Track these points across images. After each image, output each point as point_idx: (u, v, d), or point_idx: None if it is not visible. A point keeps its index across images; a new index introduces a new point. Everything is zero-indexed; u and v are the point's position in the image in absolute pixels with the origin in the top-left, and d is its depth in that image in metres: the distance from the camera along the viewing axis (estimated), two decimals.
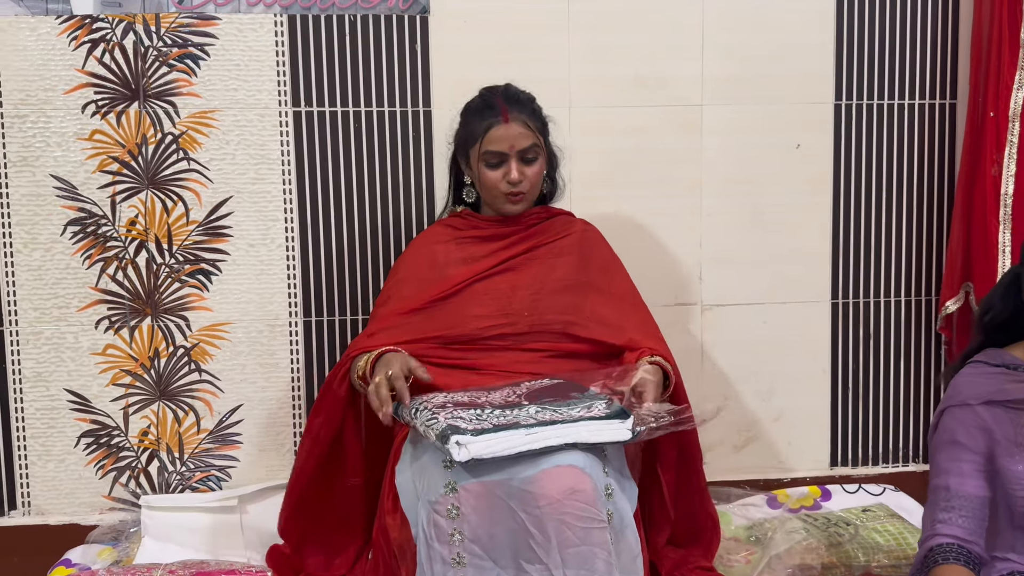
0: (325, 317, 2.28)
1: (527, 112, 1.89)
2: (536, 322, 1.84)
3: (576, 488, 1.46)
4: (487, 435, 1.47)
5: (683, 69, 2.31)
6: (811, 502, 2.40)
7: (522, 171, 1.85)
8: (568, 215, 2.06)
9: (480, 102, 1.93)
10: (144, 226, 2.22)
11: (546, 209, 2.02)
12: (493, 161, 1.87)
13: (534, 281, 1.90)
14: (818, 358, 2.44)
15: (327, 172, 2.25)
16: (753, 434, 2.45)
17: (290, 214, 2.25)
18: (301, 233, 2.26)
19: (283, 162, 2.23)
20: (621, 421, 1.56)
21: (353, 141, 2.25)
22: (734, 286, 2.39)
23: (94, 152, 2.19)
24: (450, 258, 1.94)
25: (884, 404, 2.47)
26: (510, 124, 1.85)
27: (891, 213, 2.42)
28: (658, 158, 2.33)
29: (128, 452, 2.27)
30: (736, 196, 2.36)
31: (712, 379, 2.40)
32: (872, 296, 2.44)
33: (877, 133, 2.39)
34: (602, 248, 2.01)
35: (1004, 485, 1.45)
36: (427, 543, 1.48)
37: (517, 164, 1.85)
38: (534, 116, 1.91)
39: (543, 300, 1.87)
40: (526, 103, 1.91)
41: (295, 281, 2.26)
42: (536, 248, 1.94)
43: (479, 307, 1.86)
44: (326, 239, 2.26)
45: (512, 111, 1.86)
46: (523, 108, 1.89)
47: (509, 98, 1.90)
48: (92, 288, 2.22)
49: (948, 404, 1.52)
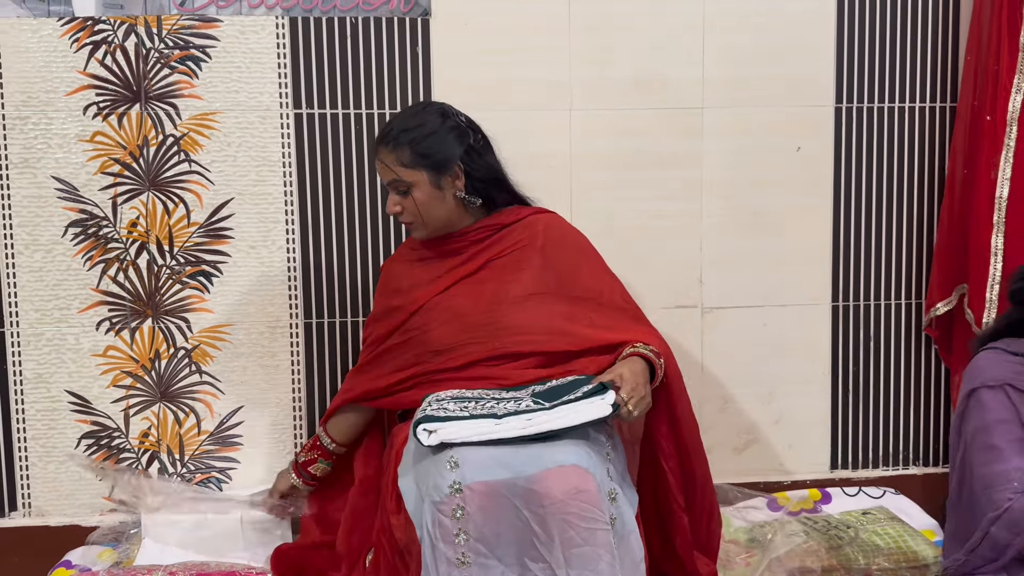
0: (326, 319, 2.29)
1: (390, 147, 1.83)
2: (496, 345, 1.81)
3: (580, 488, 1.46)
4: (456, 422, 1.54)
5: (684, 72, 2.32)
6: (811, 505, 2.41)
7: (396, 201, 1.85)
8: (529, 216, 1.94)
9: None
10: (145, 228, 2.22)
11: (496, 217, 1.92)
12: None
13: (492, 299, 1.85)
14: (818, 361, 2.44)
15: (328, 174, 2.25)
16: (753, 437, 2.45)
17: (291, 216, 2.25)
18: (302, 235, 2.26)
19: (284, 164, 2.24)
20: (601, 397, 1.56)
21: (354, 143, 2.25)
22: (734, 289, 2.39)
23: (95, 154, 2.19)
24: (413, 278, 1.93)
25: (884, 407, 2.48)
26: (378, 159, 1.86)
27: (891, 216, 2.42)
28: (658, 160, 2.34)
29: (129, 453, 2.27)
30: (736, 199, 2.37)
31: (712, 382, 2.40)
32: (872, 299, 2.44)
33: (878, 136, 2.39)
34: (564, 246, 1.91)
35: None
36: (432, 544, 1.48)
37: (392, 196, 1.86)
38: (399, 150, 1.82)
39: (500, 319, 1.83)
40: (392, 139, 1.83)
41: (296, 283, 2.27)
42: (492, 260, 1.89)
43: (442, 326, 1.85)
44: (327, 241, 2.27)
45: (381, 149, 1.84)
46: (392, 142, 1.83)
47: (383, 135, 1.85)
48: (93, 289, 2.22)
49: (974, 386, 1.54)
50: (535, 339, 1.80)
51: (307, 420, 2.30)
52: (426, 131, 1.83)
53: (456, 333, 1.82)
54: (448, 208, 1.87)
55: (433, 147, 1.83)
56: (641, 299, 2.05)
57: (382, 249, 2.28)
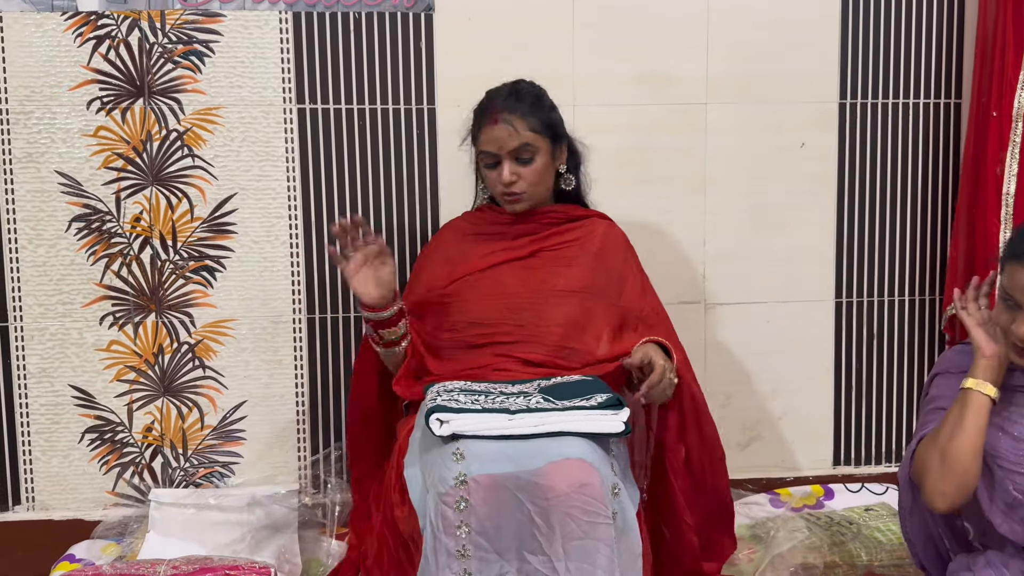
0: (329, 314, 2.29)
1: (522, 111, 1.86)
2: (532, 333, 1.84)
3: (584, 482, 1.47)
4: (469, 415, 1.54)
5: (688, 67, 2.31)
6: (814, 501, 2.40)
7: (515, 171, 1.86)
8: (596, 216, 2.01)
9: (480, 103, 1.95)
10: (149, 223, 2.22)
11: (569, 209, 1.98)
12: (489, 162, 1.89)
13: (541, 285, 1.89)
14: (822, 357, 2.44)
15: (331, 169, 2.25)
16: (756, 433, 2.45)
17: (294, 211, 2.25)
18: (305, 230, 2.26)
19: (287, 159, 2.24)
20: (615, 412, 1.58)
21: (357, 138, 2.25)
22: (738, 285, 2.39)
23: (99, 148, 2.19)
24: (464, 250, 1.96)
25: (888, 403, 2.47)
26: (498, 126, 1.85)
27: (895, 212, 2.41)
28: (662, 156, 2.33)
29: (132, 448, 2.27)
30: (740, 195, 2.36)
31: (715, 378, 2.40)
32: (876, 295, 2.44)
33: (882, 132, 2.39)
34: (618, 254, 1.97)
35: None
36: (434, 535, 1.48)
37: (509, 164, 1.85)
38: (531, 115, 1.86)
39: (543, 307, 1.87)
40: (525, 101, 1.88)
41: (299, 278, 2.27)
42: (549, 250, 1.93)
43: (484, 299, 1.88)
44: (330, 236, 2.27)
45: (503, 113, 1.85)
46: (518, 108, 1.86)
47: (505, 98, 1.88)
48: (97, 284, 2.22)
49: (936, 371, 1.64)
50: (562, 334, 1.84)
51: (310, 415, 2.30)
52: (548, 103, 1.92)
53: (498, 310, 1.85)
54: (549, 184, 1.94)
55: (554, 118, 1.92)
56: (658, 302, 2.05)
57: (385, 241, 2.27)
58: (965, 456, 1.47)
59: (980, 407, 1.48)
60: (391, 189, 2.27)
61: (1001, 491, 1.49)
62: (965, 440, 1.47)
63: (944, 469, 1.47)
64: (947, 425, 1.51)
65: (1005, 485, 1.49)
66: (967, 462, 1.47)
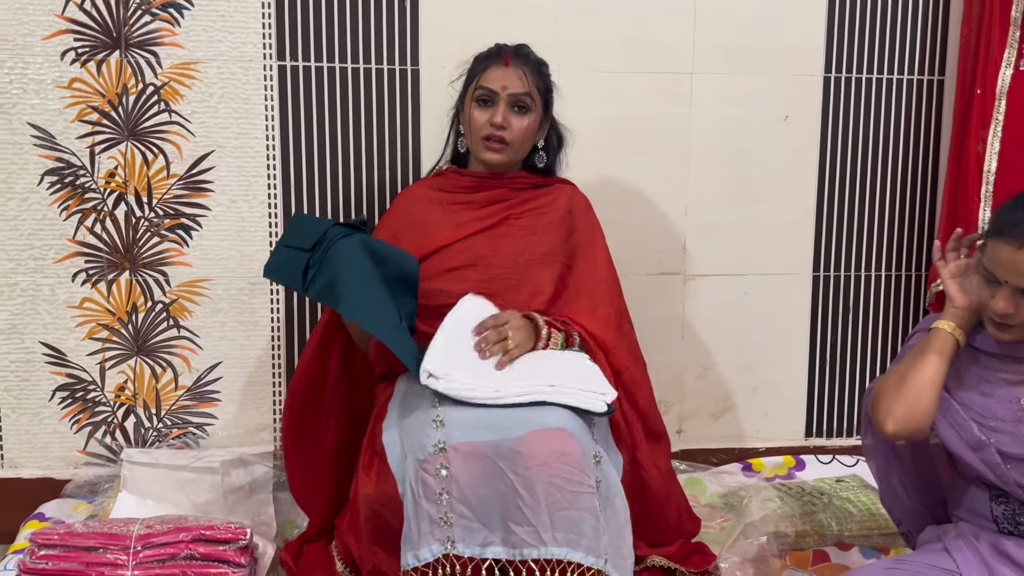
0: None
1: (530, 67, 1.91)
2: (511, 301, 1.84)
3: (565, 451, 1.46)
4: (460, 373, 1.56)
5: (674, 36, 2.29)
6: (785, 471, 2.43)
7: (507, 117, 1.85)
8: (560, 183, 2.02)
9: (489, 49, 1.96)
10: (123, 178, 2.18)
11: (537, 177, 1.99)
12: (484, 98, 1.88)
13: (512, 252, 1.88)
14: (797, 330, 2.46)
15: (311, 129, 2.22)
16: (731, 404, 2.47)
17: (273, 171, 2.22)
18: (284, 190, 2.23)
19: (267, 117, 2.20)
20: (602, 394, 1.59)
21: (339, 97, 2.21)
22: (717, 257, 2.39)
23: (73, 101, 2.14)
24: (434, 219, 1.93)
25: (861, 377, 2.50)
26: (508, 68, 1.87)
27: (875, 188, 2.42)
28: (646, 126, 2.32)
29: (104, 407, 2.24)
30: (722, 166, 2.36)
31: (692, 349, 2.41)
32: (853, 270, 2.45)
33: (865, 107, 2.39)
34: (584, 222, 1.97)
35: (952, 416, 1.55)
36: (415, 500, 1.48)
37: (505, 107, 1.86)
38: (537, 74, 1.92)
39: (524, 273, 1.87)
40: (533, 61, 1.93)
41: (277, 239, 2.24)
42: (519, 217, 1.91)
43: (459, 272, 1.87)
44: (309, 197, 2.23)
45: (515, 59, 1.90)
46: (527, 62, 1.91)
47: (517, 50, 1.93)
48: (69, 240, 2.18)
49: (916, 330, 1.67)
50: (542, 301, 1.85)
51: (285, 377, 2.28)
52: (548, 73, 1.95)
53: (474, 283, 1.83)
54: (528, 149, 1.94)
55: (551, 89, 1.94)
56: (624, 265, 2.06)
57: (365, 206, 2.25)
58: (922, 382, 1.50)
59: (945, 342, 1.52)
60: (372, 150, 2.24)
61: (967, 433, 1.53)
62: (925, 368, 1.51)
63: (899, 392, 1.51)
64: (910, 355, 1.56)
65: (970, 427, 1.53)
66: (922, 388, 1.50)
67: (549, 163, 2.00)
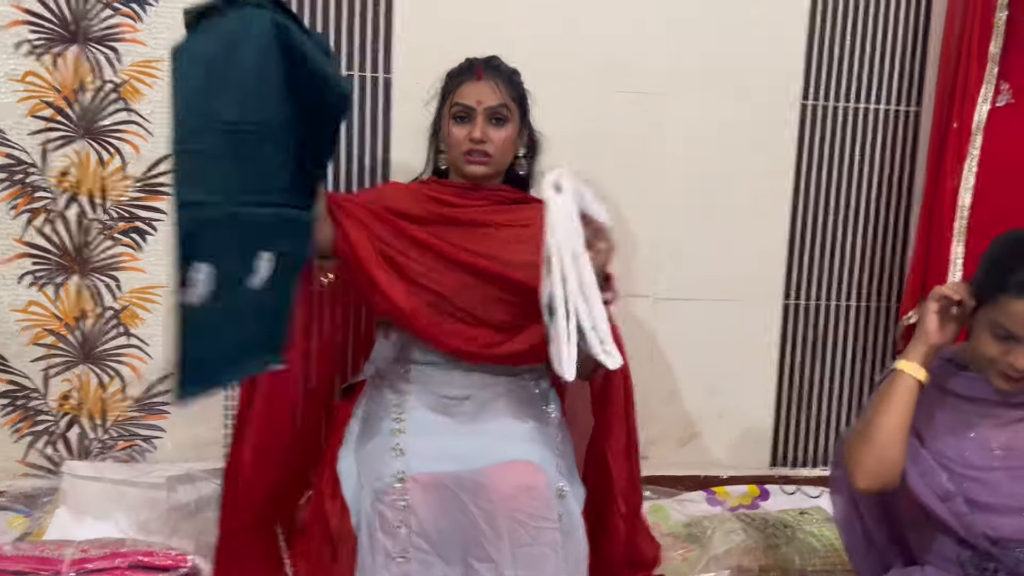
0: None
1: (503, 78, 1.87)
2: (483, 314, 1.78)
3: (530, 485, 1.41)
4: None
5: (650, 57, 2.25)
6: (749, 501, 2.40)
7: (485, 131, 1.82)
8: (538, 202, 1.97)
9: (461, 64, 1.92)
10: (77, 178, 2.08)
11: (518, 192, 1.94)
12: (460, 115, 1.83)
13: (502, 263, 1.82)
14: (766, 358, 2.42)
15: None
16: (696, 430, 2.43)
17: None
18: None
19: None
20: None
21: None
22: (687, 281, 2.35)
23: (26, 95, 2.04)
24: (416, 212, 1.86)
25: (828, 407, 2.47)
26: (481, 81, 1.83)
27: (849, 217, 2.40)
28: (619, 147, 2.27)
29: (47, 416, 2.14)
30: (696, 190, 2.32)
31: (660, 373, 2.37)
32: (824, 299, 2.43)
33: (841, 136, 2.37)
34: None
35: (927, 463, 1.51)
36: (370, 533, 1.41)
37: (482, 122, 1.82)
38: (510, 84, 1.88)
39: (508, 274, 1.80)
40: (504, 72, 1.89)
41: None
42: (497, 228, 1.86)
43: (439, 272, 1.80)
44: None
45: (487, 72, 1.86)
46: (499, 74, 1.87)
47: (488, 63, 1.89)
48: (16, 240, 2.08)
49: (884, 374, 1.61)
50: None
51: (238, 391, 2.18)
52: (521, 81, 1.92)
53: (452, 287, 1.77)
54: (509, 159, 1.90)
55: (525, 95, 1.91)
56: None
57: None
58: (889, 431, 1.47)
59: (910, 388, 1.49)
60: (340, 159, 2.17)
61: (935, 483, 1.51)
62: (891, 417, 1.48)
63: (867, 443, 1.48)
64: (875, 402, 1.52)
65: (939, 477, 1.50)
66: (890, 438, 1.47)
67: (529, 170, 1.96)
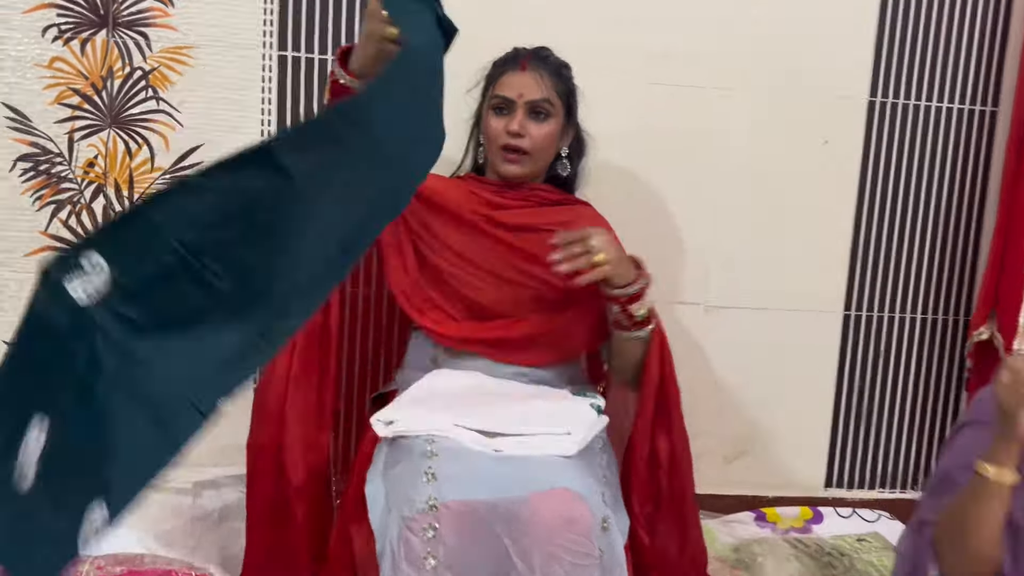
0: None
1: (549, 70, 1.75)
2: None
3: (572, 518, 1.28)
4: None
5: (706, 50, 2.12)
6: (801, 523, 2.26)
7: (525, 124, 1.70)
8: (581, 204, 1.86)
9: (506, 54, 1.80)
10: (104, 169, 2.00)
11: (559, 192, 1.82)
12: (500, 106, 1.72)
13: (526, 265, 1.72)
14: (823, 372, 2.28)
15: None
16: (746, 447, 2.29)
17: None
18: None
19: (263, 111, 2.02)
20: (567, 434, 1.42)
21: None
22: (741, 288, 2.22)
23: (53, 82, 1.96)
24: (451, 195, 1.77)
25: (888, 426, 2.32)
26: (525, 72, 1.72)
27: (917, 223, 2.25)
28: (671, 145, 2.14)
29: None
30: (754, 191, 2.18)
31: (709, 386, 2.23)
32: (887, 311, 2.27)
33: (911, 135, 2.21)
34: None
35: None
36: (394, 563, 1.30)
37: (522, 115, 1.70)
38: (557, 77, 1.76)
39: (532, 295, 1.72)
40: (552, 64, 1.77)
41: None
42: (534, 231, 1.74)
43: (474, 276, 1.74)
44: None
45: (532, 63, 1.74)
46: (546, 66, 1.75)
47: (536, 54, 1.77)
48: (41, 233, 2.00)
49: (965, 420, 1.45)
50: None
51: None
52: (570, 76, 1.80)
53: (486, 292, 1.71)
54: (549, 158, 1.78)
55: (573, 92, 1.79)
56: None
57: None
58: (982, 535, 1.31)
59: (1001, 498, 1.31)
60: None
61: None
62: (984, 528, 1.31)
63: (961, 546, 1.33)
64: (964, 508, 1.34)
65: None
66: (984, 541, 1.32)
67: (573, 171, 1.84)
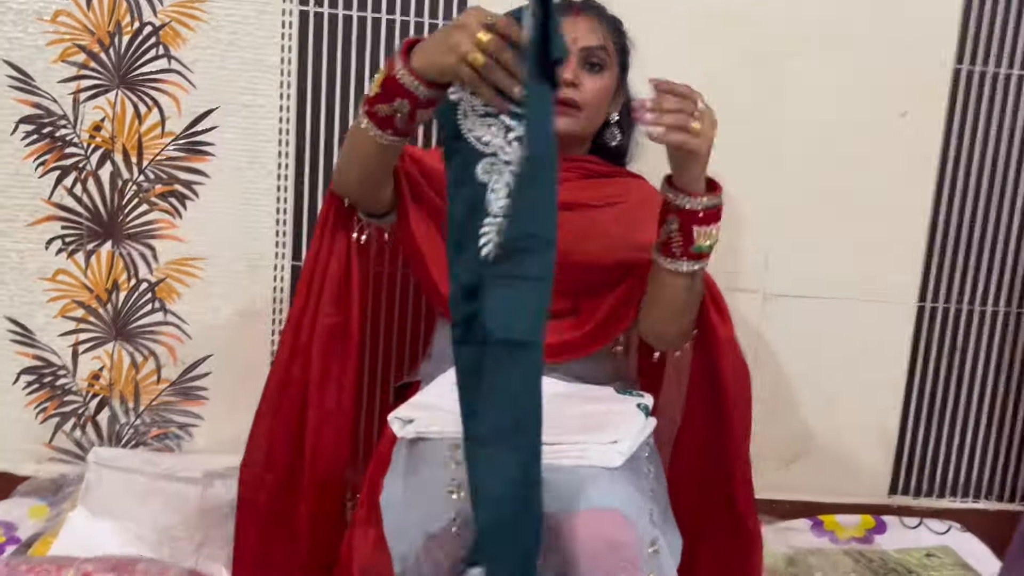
0: None
1: (605, 19, 1.60)
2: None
3: (617, 542, 1.11)
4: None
5: (772, 10, 1.91)
6: (862, 533, 2.07)
7: (579, 74, 1.53)
8: (634, 178, 1.68)
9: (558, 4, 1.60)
10: (111, 133, 1.85)
11: (607, 164, 1.65)
12: None
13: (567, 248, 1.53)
14: (893, 369, 2.07)
15: (334, 88, 1.87)
16: (804, 448, 2.10)
17: (286, 135, 1.88)
18: (297, 158, 1.88)
19: (283, 72, 1.85)
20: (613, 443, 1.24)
21: (369, 52, 1.86)
22: (805, 275, 2.01)
23: (57, 38, 1.81)
24: None
25: (963, 429, 2.11)
26: (580, 17, 1.56)
27: (1004, 206, 2.02)
28: (732, 116, 1.90)
29: (75, 397, 1.93)
30: (819, 170, 1.97)
31: (766, 381, 2.03)
32: (967, 303, 2.06)
33: (1000, 108, 1.98)
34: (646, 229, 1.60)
35: None
36: None
37: (575, 64, 1.53)
38: (613, 27, 1.61)
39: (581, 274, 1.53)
40: (607, 15, 1.63)
41: (286, 216, 1.90)
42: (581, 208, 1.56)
43: None
44: (326, 167, 1.89)
45: (585, 11, 1.59)
46: (600, 14, 1.61)
47: (588, 2, 1.63)
48: (44, 201, 1.86)
49: None
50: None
51: None
52: (625, 31, 1.65)
53: None
54: (600, 119, 1.61)
55: (628, 48, 1.65)
56: None
57: None
58: None
59: None
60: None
61: None
62: None
63: None
64: None
65: None
66: None
67: (624, 141, 1.67)
